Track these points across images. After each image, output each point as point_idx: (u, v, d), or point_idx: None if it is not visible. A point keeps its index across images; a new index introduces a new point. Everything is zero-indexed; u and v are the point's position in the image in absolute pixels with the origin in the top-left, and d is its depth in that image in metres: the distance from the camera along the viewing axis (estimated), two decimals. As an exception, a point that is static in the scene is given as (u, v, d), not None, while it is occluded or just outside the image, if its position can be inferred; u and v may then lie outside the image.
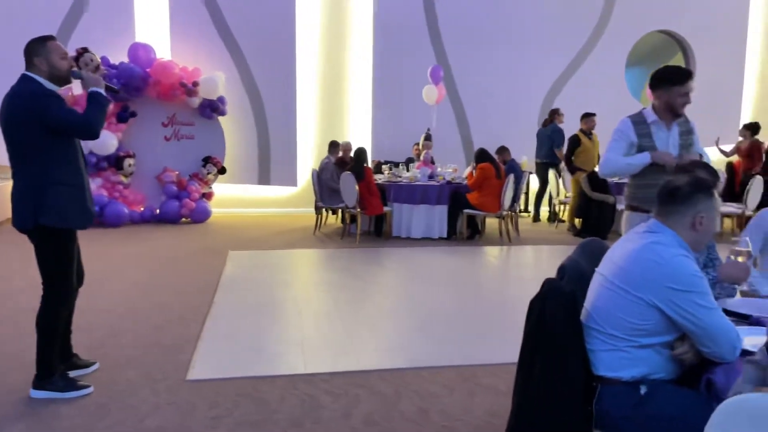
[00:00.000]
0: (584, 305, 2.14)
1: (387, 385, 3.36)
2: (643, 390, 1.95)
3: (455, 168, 8.72)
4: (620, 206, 8.03)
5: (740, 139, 9.11)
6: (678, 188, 2.04)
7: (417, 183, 7.97)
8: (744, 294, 2.87)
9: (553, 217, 9.48)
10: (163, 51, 9.26)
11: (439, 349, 3.97)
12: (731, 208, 8.13)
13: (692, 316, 1.87)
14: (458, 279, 6.04)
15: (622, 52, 10.48)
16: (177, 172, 9.19)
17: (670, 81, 3.24)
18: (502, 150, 8.63)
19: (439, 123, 9.55)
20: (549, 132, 9.29)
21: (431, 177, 8.25)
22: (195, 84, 9.01)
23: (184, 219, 9.18)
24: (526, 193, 10.12)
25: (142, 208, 9.16)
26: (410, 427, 2.88)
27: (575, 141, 8.43)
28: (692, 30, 10.57)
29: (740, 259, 2.38)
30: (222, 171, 9.44)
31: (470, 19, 10.02)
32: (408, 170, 8.71)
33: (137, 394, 3.20)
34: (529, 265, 6.78)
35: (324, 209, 8.47)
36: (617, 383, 1.97)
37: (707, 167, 2.78)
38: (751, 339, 1.99)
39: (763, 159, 8.68)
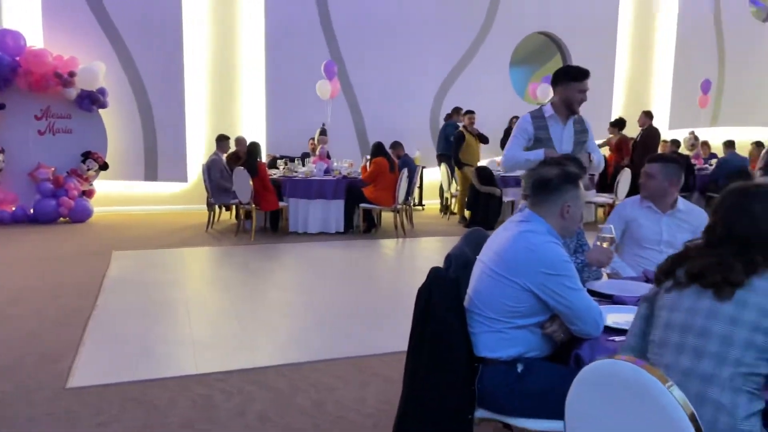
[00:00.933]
0: (467, 291, 2.27)
1: (283, 380, 3.35)
2: (519, 368, 2.10)
3: (351, 162, 8.79)
4: (506, 198, 8.49)
5: (610, 135, 9.89)
6: (548, 180, 2.21)
7: (313, 178, 7.96)
8: (610, 276, 3.15)
9: (445, 209, 9.82)
10: (34, 38, 8.57)
11: (335, 342, 4.02)
12: (603, 198, 8.81)
13: (561, 298, 2.03)
14: (355, 272, 6.12)
15: (506, 51, 11.01)
16: (53, 169, 8.56)
17: (570, 77, 3.52)
18: (396, 145, 8.81)
19: (334, 118, 9.58)
20: (445, 127, 9.66)
21: (327, 172, 8.26)
22: (71, 74, 8.43)
23: (62, 219, 8.58)
24: (420, 187, 10.39)
25: (13, 208, 8.45)
26: (305, 420, 2.90)
27: (461, 137, 8.79)
28: (568, 32, 11.30)
29: (605, 244, 2.62)
30: (104, 167, 8.91)
31: (363, 16, 10.11)
32: (304, 165, 8.67)
33: (12, 406, 2.98)
34: (421, 256, 6.99)
35: (217, 206, 8.25)
36: (497, 363, 2.10)
37: (576, 161, 3.02)
38: (613, 316, 2.20)
39: (630, 152, 9.47)
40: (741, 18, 12.16)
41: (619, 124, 9.69)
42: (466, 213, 8.83)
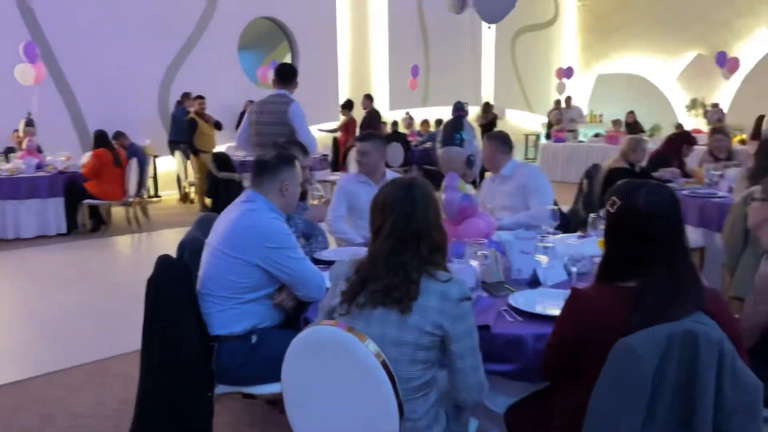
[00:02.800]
0: (198, 274, 2.31)
1: (2, 401, 2.98)
2: (254, 339, 2.23)
3: (68, 156, 7.92)
4: (246, 183, 8.54)
5: (342, 117, 10.55)
6: (267, 162, 2.36)
7: (21, 175, 6.98)
8: (344, 243, 3.46)
9: (184, 198, 9.49)
10: None
11: (65, 352, 3.68)
12: (337, 176, 9.41)
13: (286, 268, 2.21)
14: (84, 275, 5.61)
15: (233, 36, 10.92)
16: None
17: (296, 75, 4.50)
18: (119, 135, 8.16)
19: (45, 107, 8.48)
20: (175, 113, 9.29)
21: (39, 167, 7.33)
22: None
23: None
24: (155, 177, 9.84)
25: None
26: (32, 438, 2.65)
27: (193, 124, 8.58)
28: (293, 18, 11.63)
29: (316, 201, 2.94)
30: None
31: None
32: (8, 161, 7.55)
33: None
34: (160, 249, 6.63)
35: None
36: (231, 338, 2.20)
37: (300, 145, 3.25)
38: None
39: (357, 133, 10.25)
40: (440, 8, 13.88)
41: (348, 105, 10.39)
42: (207, 201, 8.66)
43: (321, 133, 10.86)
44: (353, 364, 1.55)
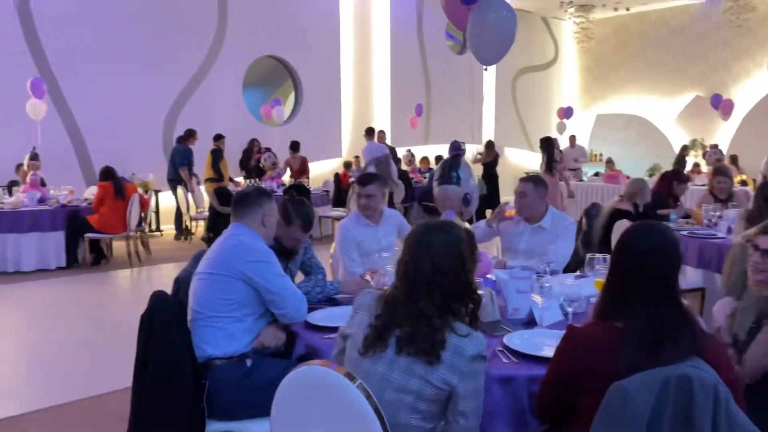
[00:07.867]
0: (189, 306, 2.31)
1: (-9, 439, 2.95)
2: (248, 363, 2.24)
3: (71, 189, 7.97)
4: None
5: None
6: (247, 194, 2.48)
7: (24, 209, 7.02)
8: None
9: (186, 233, 9.49)
10: None
11: (61, 387, 3.64)
12: (338, 212, 9.45)
13: (266, 281, 2.26)
14: (82, 309, 5.58)
15: (239, 74, 11.11)
16: None
17: None
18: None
19: (50, 141, 8.58)
20: (173, 151, 9.34)
21: (42, 201, 7.37)
22: None
23: None
24: (157, 212, 9.88)
25: None
26: (21, 477, 2.60)
27: (218, 152, 9.22)
28: (296, 55, 11.82)
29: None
30: None
31: (74, 32, 9.20)
32: (11, 194, 7.60)
33: None
34: (158, 284, 6.62)
35: None
36: (225, 361, 2.20)
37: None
38: (328, 315, 2.41)
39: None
40: (441, 49, 14.10)
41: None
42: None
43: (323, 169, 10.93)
44: (344, 405, 1.53)
